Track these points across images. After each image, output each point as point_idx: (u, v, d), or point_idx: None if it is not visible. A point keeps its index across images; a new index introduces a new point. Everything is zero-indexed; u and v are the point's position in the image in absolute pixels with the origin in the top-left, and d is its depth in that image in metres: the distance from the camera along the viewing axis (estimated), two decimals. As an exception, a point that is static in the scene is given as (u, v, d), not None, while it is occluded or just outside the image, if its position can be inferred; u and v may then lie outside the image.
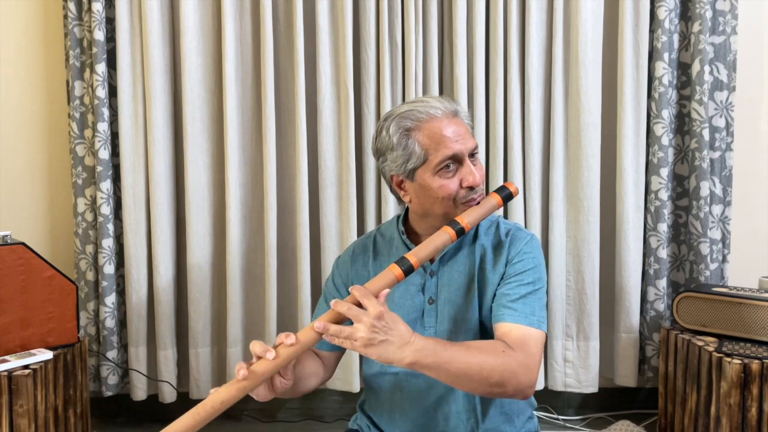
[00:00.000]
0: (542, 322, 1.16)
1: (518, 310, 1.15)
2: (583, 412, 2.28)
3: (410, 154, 1.16)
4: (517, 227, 1.27)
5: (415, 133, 1.16)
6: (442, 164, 1.15)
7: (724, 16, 2.08)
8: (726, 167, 2.13)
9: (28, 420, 1.61)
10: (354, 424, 1.37)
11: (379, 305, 1.01)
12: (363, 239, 1.37)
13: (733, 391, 1.68)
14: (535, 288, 1.18)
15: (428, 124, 1.16)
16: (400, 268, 1.08)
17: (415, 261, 1.09)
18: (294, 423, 2.25)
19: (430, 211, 1.20)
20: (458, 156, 1.15)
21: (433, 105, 1.17)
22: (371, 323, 1.00)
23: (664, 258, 2.13)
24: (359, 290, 1.03)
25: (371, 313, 1.00)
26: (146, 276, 2.12)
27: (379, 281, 1.07)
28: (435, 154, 1.15)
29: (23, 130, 2.17)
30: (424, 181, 1.17)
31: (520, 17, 2.10)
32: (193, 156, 2.09)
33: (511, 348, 1.10)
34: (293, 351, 1.02)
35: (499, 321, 1.16)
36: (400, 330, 1.02)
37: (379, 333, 1.00)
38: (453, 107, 1.19)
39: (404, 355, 1.01)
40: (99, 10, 2.01)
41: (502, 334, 1.14)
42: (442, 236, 1.13)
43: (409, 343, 1.02)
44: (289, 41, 2.11)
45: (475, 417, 1.22)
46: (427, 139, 1.15)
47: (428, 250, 1.12)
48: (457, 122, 1.18)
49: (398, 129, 1.17)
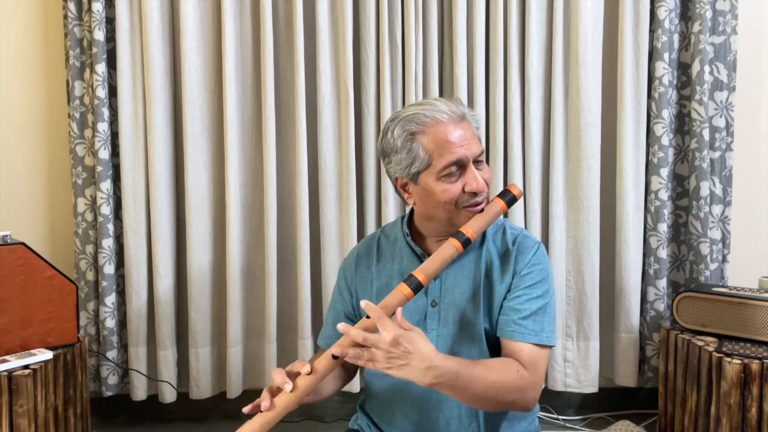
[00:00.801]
0: (551, 337, 1.17)
1: (528, 327, 1.15)
2: (583, 412, 2.28)
3: (414, 157, 1.15)
4: (524, 234, 1.26)
5: (420, 136, 1.15)
6: (445, 169, 1.14)
7: (724, 16, 2.08)
8: (726, 167, 2.13)
9: (28, 420, 1.61)
10: (354, 424, 1.37)
11: (394, 330, 1.00)
12: (367, 241, 1.37)
13: (733, 391, 1.68)
14: (545, 302, 1.18)
15: (433, 129, 1.15)
16: (408, 287, 1.08)
17: (423, 278, 1.09)
18: (294, 423, 2.25)
19: (433, 215, 1.20)
20: (462, 161, 1.15)
21: (440, 109, 1.16)
22: (387, 350, 1.00)
23: (664, 258, 2.13)
24: (374, 311, 1.03)
25: (386, 339, 1.00)
26: (146, 276, 2.12)
27: (389, 302, 1.07)
28: (439, 159, 1.14)
29: (23, 130, 2.17)
30: (427, 185, 1.17)
31: (520, 17, 2.10)
32: (193, 156, 2.09)
33: (525, 368, 1.12)
34: (311, 381, 1.04)
35: (509, 338, 1.16)
36: (421, 352, 1.01)
37: (399, 358, 1.00)
38: (460, 111, 1.18)
39: (426, 379, 1.01)
40: (99, 10, 2.01)
41: (512, 351, 1.15)
42: (448, 249, 1.12)
43: (431, 368, 1.01)
44: (289, 41, 2.11)
45: (477, 421, 1.21)
46: (432, 144, 1.14)
47: (436, 265, 1.11)
48: (464, 126, 1.17)
49: (403, 132, 1.16)
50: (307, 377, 1.04)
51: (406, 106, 1.21)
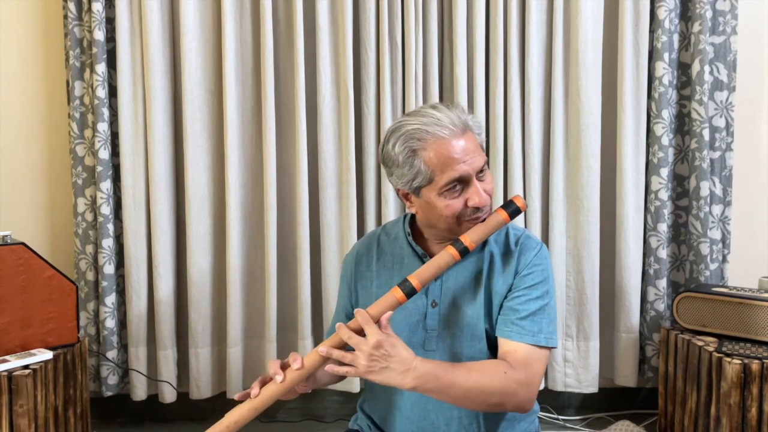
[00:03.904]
0: (550, 338, 1.17)
1: (525, 328, 1.15)
2: (583, 412, 2.28)
3: (416, 173, 1.14)
4: (526, 235, 1.25)
5: (422, 152, 1.13)
6: (447, 185, 1.13)
7: (724, 16, 2.08)
8: (726, 167, 2.13)
9: (28, 420, 1.61)
10: (354, 424, 1.37)
11: (378, 334, 1.05)
12: (367, 239, 1.36)
13: (733, 391, 1.68)
14: (544, 303, 1.18)
15: (435, 145, 1.12)
16: (402, 291, 1.10)
17: (417, 283, 1.11)
18: (294, 423, 2.25)
19: (435, 225, 1.20)
20: (464, 177, 1.13)
21: (442, 123, 1.13)
22: (369, 352, 1.04)
23: (664, 258, 2.13)
24: (362, 316, 1.07)
25: (369, 342, 1.04)
26: (146, 276, 2.12)
27: (381, 304, 1.10)
28: (441, 176, 1.13)
29: (23, 130, 2.17)
30: (429, 199, 1.16)
31: (520, 17, 2.10)
32: (193, 156, 2.09)
33: (513, 368, 1.11)
34: (298, 375, 1.10)
35: (505, 338, 1.16)
36: (401, 356, 1.05)
37: (379, 361, 1.04)
38: (463, 121, 1.15)
39: (405, 381, 1.05)
40: (99, 10, 2.01)
41: (506, 352, 1.15)
42: (444, 257, 1.13)
43: (410, 370, 1.05)
44: (289, 41, 2.11)
45: (477, 422, 1.21)
46: (434, 160, 1.12)
47: (431, 271, 1.12)
48: (467, 137, 1.14)
49: (405, 148, 1.14)
50: (295, 371, 1.10)
51: (408, 115, 1.18)
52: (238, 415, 1.09)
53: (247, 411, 1.09)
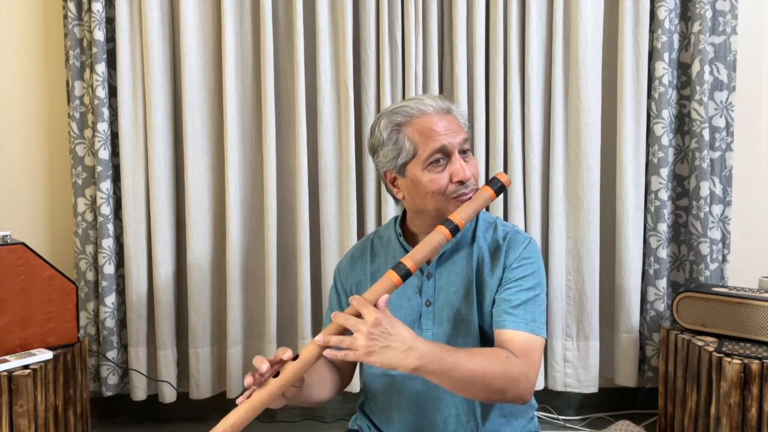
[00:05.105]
0: (542, 329, 1.16)
1: (519, 316, 1.15)
2: (583, 412, 2.28)
3: (400, 148, 1.17)
4: (515, 230, 1.26)
5: (405, 128, 1.17)
6: (431, 158, 1.15)
7: (724, 16, 2.08)
8: (726, 167, 2.13)
9: (28, 420, 1.61)
10: (354, 424, 1.37)
11: (376, 312, 1.01)
12: (361, 243, 1.37)
13: (733, 391, 1.68)
14: (536, 293, 1.18)
15: (418, 119, 1.17)
16: (397, 273, 1.08)
17: (412, 265, 1.09)
18: (294, 423, 2.25)
19: (422, 208, 1.20)
20: (447, 149, 1.15)
21: (425, 102, 1.19)
22: (368, 331, 1.00)
23: (664, 258, 2.13)
24: (357, 300, 1.04)
25: (368, 320, 1.00)
26: (146, 276, 2.12)
27: (377, 289, 1.07)
28: (424, 148, 1.15)
29: (23, 130, 2.17)
30: (414, 176, 1.17)
31: (520, 17, 2.10)
32: (193, 156, 2.09)
33: (515, 356, 1.10)
34: (296, 369, 1.03)
35: (501, 327, 1.16)
36: (401, 335, 1.01)
37: (379, 339, 1.00)
38: (446, 105, 1.20)
39: (408, 361, 1.01)
40: (99, 10, 2.01)
41: (503, 341, 1.14)
42: (436, 237, 1.12)
43: (412, 348, 1.01)
44: (289, 41, 2.11)
45: (475, 420, 1.21)
46: (417, 134, 1.16)
47: (424, 252, 1.11)
48: (449, 119, 1.18)
49: (389, 124, 1.18)
50: (291, 364, 1.03)
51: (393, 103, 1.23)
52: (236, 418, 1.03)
53: (244, 411, 1.04)
